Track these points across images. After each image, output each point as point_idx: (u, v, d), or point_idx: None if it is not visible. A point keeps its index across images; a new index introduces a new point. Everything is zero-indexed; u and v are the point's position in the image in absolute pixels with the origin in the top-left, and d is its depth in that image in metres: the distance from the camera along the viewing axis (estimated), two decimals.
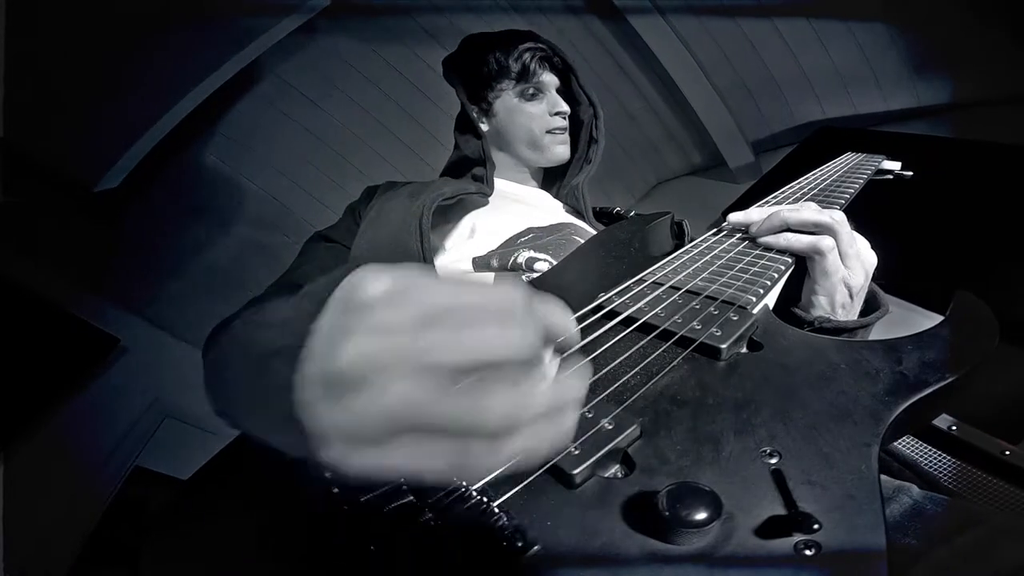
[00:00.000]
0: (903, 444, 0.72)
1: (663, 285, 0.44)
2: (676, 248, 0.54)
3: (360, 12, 1.81)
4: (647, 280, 0.46)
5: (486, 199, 0.72)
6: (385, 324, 0.19)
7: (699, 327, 0.37)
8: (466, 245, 0.65)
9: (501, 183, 0.78)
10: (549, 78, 0.77)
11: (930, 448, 0.71)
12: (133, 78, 1.50)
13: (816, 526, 0.23)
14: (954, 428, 0.70)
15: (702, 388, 0.32)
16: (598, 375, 0.34)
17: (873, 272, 0.47)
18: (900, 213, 1.20)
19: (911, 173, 0.78)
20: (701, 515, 0.22)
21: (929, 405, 0.31)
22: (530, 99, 0.76)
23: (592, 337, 0.38)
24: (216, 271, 2.09)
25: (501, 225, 0.67)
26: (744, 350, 0.37)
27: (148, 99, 1.59)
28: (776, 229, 0.48)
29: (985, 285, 1.18)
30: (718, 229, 0.55)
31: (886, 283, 0.50)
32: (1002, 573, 0.30)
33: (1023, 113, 1.50)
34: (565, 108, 0.77)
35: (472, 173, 0.77)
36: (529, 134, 0.77)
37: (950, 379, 0.31)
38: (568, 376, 0.22)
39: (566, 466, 0.27)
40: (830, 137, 1.95)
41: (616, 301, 0.42)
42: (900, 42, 1.68)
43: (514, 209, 0.73)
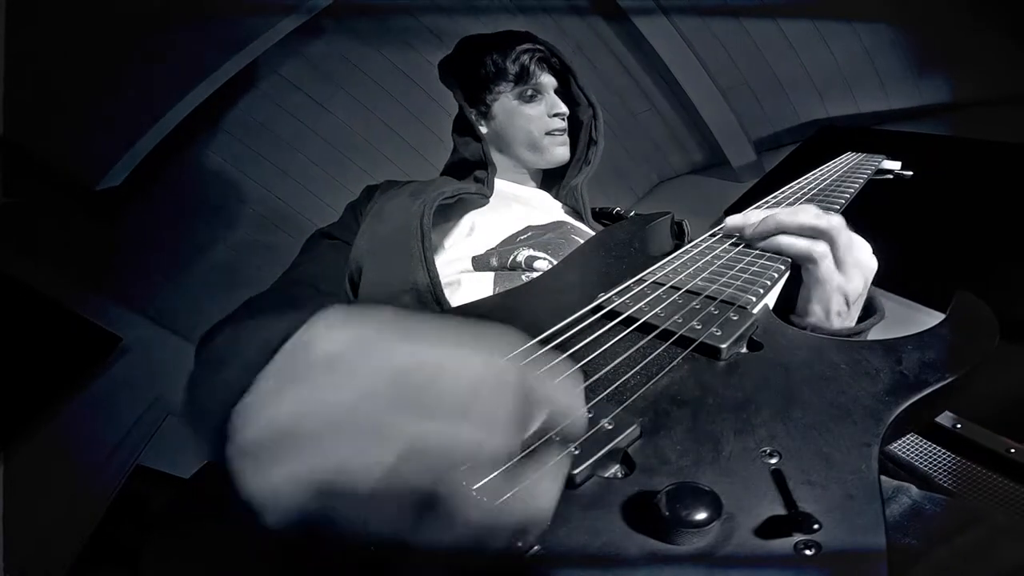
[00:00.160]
0: (901, 446, 0.72)
1: (663, 285, 0.44)
2: (676, 248, 0.54)
3: (364, 12, 1.81)
4: (647, 280, 0.46)
5: (486, 199, 0.72)
6: (322, 401, 0.18)
7: (699, 327, 0.37)
8: (465, 244, 0.65)
9: (500, 183, 0.78)
10: (547, 79, 0.77)
11: (929, 446, 0.71)
12: (134, 76, 1.50)
13: (816, 526, 0.23)
14: (959, 426, 0.70)
15: (702, 388, 0.32)
16: (598, 375, 0.34)
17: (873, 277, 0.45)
18: (900, 213, 1.20)
19: (911, 173, 0.77)
20: (701, 515, 0.22)
21: (929, 405, 0.31)
22: (529, 101, 0.76)
23: (592, 337, 0.38)
24: (218, 270, 2.09)
25: (500, 224, 0.67)
26: (744, 350, 0.37)
27: (150, 97, 1.59)
28: (770, 232, 0.46)
29: (985, 285, 1.18)
30: (718, 229, 0.55)
31: (886, 283, 0.50)
32: (1002, 573, 0.30)
33: (1023, 112, 1.50)
34: (564, 109, 0.77)
35: (474, 176, 0.77)
36: (528, 136, 0.76)
37: (950, 379, 0.31)
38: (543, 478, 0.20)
39: None
40: (832, 136, 1.95)
41: (616, 301, 0.42)
42: (902, 42, 1.68)
43: (513, 208, 0.73)
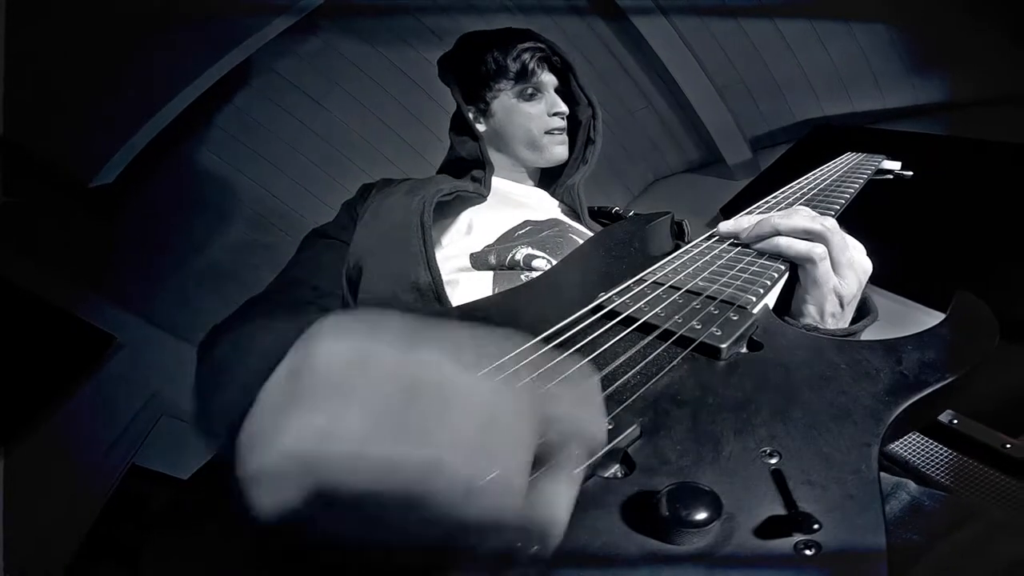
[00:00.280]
0: (898, 442, 0.72)
1: (663, 285, 0.44)
2: (676, 248, 0.54)
3: (361, 10, 1.80)
4: (647, 280, 0.45)
5: (483, 198, 0.72)
6: (329, 432, 0.18)
7: (699, 327, 0.37)
8: (463, 241, 0.65)
9: (498, 182, 0.77)
10: (548, 78, 0.77)
11: (926, 442, 0.71)
12: (129, 73, 1.49)
13: (816, 526, 0.23)
14: (955, 421, 0.71)
15: (702, 388, 0.32)
16: (598, 375, 0.34)
17: (868, 279, 0.46)
18: (900, 213, 1.21)
19: (911, 173, 0.77)
20: (701, 515, 0.22)
21: (929, 405, 0.31)
22: (529, 99, 0.76)
23: (592, 337, 0.38)
24: (213, 268, 2.08)
25: (498, 221, 0.67)
26: (744, 350, 0.37)
27: (145, 95, 1.59)
28: (766, 235, 0.47)
29: (985, 285, 1.19)
30: (714, 232, 0.55)
31: (886, 283, 0.50)
32: (999, 568, 0.30)
33: (1022, 112, 1.50)
34: (564, 108, 0.76)
35: (471, 175, 0.76)
36: (528, 135, 0.76)
37: (950, 379, 0.32)
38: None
39: None
40: (827, 135, 1.96)
41: (616, 301, 0.42)
42: (899, 41, 1.69)
43: (511, 206, 0.73)
